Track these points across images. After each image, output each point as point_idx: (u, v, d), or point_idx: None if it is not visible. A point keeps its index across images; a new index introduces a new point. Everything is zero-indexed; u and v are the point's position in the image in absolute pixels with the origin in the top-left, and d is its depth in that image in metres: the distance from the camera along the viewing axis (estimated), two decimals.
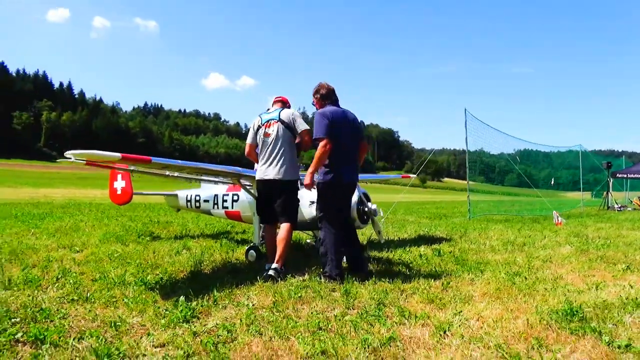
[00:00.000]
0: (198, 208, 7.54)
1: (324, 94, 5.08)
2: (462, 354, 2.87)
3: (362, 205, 5.72)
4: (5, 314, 3.31)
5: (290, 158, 5.06)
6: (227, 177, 5.98)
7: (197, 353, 2.76)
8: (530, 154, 36.45)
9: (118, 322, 3.25)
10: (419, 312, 3.71)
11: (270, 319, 3.43)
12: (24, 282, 4.27)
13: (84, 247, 6.40)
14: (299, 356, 2.77)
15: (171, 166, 4.84)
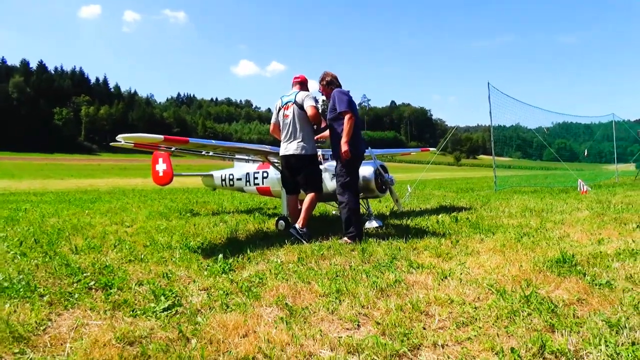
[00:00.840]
0: (232, 186, 8.24)
1: (329, 81, 5.73)
2: (457, 291, 3.38)
3: (380, 176, 6.23)
4: (78, 270, 4.02)
5: (307, 135, 5.69)
6: (256, 155, 6.61)
7: (234, 293, 3.38)
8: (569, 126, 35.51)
9: (169, 273, 3.92)
10: (426, 263, 4.23)
11: (295, 270, 4.03)
12: (87, 249, 5.02)
13: (133, 223, 7.18)
14: (318, 294, 3.34)
15: (206, 146, 5.50)
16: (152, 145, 5.22)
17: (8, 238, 5.67)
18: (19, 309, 3.00)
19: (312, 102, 5.64)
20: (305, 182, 5.73)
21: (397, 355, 2.34)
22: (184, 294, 3.35)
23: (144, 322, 2.77)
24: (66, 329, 2.71)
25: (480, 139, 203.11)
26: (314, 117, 5.64)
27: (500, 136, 19.25)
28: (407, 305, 3.05)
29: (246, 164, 7.89)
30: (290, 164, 5.76)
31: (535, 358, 2.28)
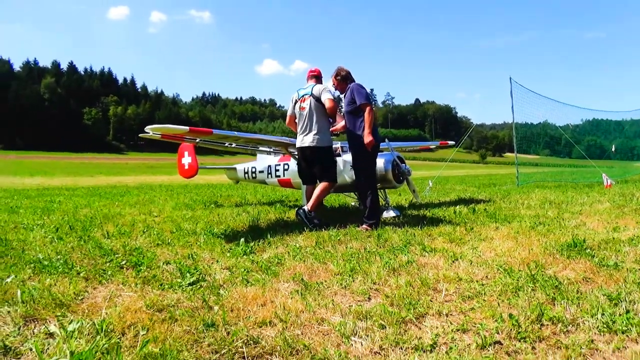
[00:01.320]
0: (254, 178, 8.51)
1: (344, 76, 5.91)
2: (466, 271, 3.54)
3: (397, 167, 6.39)
4: (110, 251, 4.32)
5: (322, 127, 5.87)
6: (277, 147, 6.85)
7: (254, 271, 3.62)
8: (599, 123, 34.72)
9: (194, 255, 4.19)
10: (439, 247, 4.39)
11: (312, 252, 4.24)
12: (118, 234, 5.34)
13: (160, 213, 7.51)
14: (333, 273, 3.55)
15: (229, 137, 5.76)
16: (178, 137, 5.50)
17: (45, 225, 6.04)
18: (59, 282, 3.28)
19: (330, 95, 5.81)
20: (321, 173, 5.92)
21: (403, 322, 2.52)
22: (208, 272, 3.59)
23: (171, 294, 3.02)
24: (101, 299, 2.97)
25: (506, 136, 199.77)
26: (332, 110, 5.81)
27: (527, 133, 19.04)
28: (417, 282, 3.23)
29: (268, 157, 8.15)
30: (305, 155, 5.97)
31: (533, 324, 2.43)
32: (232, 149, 6.49)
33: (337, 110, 5.93)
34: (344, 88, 5.86)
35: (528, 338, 2.28)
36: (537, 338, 2.30)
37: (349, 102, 5.71)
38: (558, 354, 2.12)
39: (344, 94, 5.86)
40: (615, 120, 32.80)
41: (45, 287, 3.11)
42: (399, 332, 2.38)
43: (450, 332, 2.38)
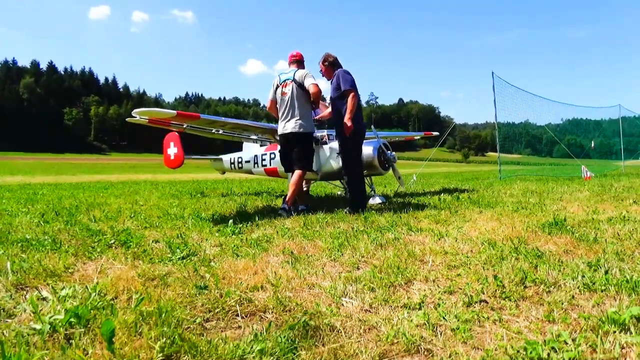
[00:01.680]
0: (241, 169, 8.53)
1: (332, 62, 5.96)
2: (452, 246, 3.63)
3: (383, 153, 6.47)
4: (98, 232, 4.32)
5: (304, 113, 5.85)
6: (264, 134, 6.87)
7: (243, 246, 3.65)
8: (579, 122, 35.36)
9: (183, 235, 4.21)
10: (425, 227, 4.47)
11: (301, 232, 4.30)
12: (105, 219, 5.32)
13: (146, 202, 7.49)
14: (321, 248, 3.60)
15: (217, 122, 5.78)
16: (165, 122, 5.50)
17: (30, 212, 5.99)
18: (48, 257, 3.28)
19: (314, 80, 5.80)
20: (297, 158, 5.87)
21: (392, 286, 2.59)
22: (198, 249, 3.62)
23: (162, 267, 3.04)
24: (92, 271, 2.98)
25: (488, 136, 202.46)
26: (316, 95, 5.79)
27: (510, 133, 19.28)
28: (404, 254, 3.30)
29: (254, 147, 8.18)
30: (288, 141, 5.94)
31: (516, 286, 2.52)
32: (219, 136, 6.50)
33: (321, 95, 5.94)
34: (331, 74, 5.91)
35: (512, 297, 2.36)
36: (521, 297, 2.38)
37: (335, 88, 5.77)
38: (541, 309, 2.20)
39: (330, 80, 5.91)
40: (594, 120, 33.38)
41: (35, 261, 3.11)
42: (387, 293, 2.45)
43: (438, 294, 2.45)
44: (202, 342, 1.75)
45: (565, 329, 1.92)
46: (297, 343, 1.79)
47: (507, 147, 19.50)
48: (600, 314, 2.05)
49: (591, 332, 1.88)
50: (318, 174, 7.04)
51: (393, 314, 2.16)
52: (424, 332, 1.93)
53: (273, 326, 1.96)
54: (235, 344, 1.74)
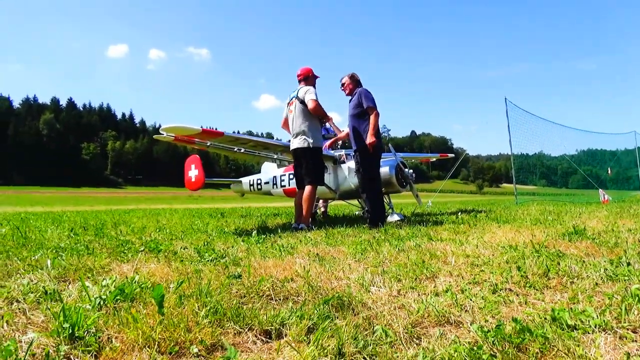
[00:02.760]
0: (260, 190, 8.70)
1: (357, 79, 6.19)
2: (473, 251, 3.70)
3: (400, 171, 6.59)
4: (127, 242, 4.46)
5: (309, 129, 5.97)
6: (283, 153, 7.04)
7: (270, 251, 3.76)
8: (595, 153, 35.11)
9: (208, 241, 4.33)
10: (445, 237, 4.55)
11: (324, 240, 4.40)
12: (132, 232, 5.47)
13: (168, 222, 7.64)
14: (345, 253, 3.69)
15: (239, 139, 5.97)
16: (190, 139, 5.70)
17: (59, 228, 6.17)
18: (83, 259, 3.42)
19: (312, 96, 5.91)
20: (306, 172, 5.98)
21: (418, 279, 2.67)
22: (225, 253, 3.73)
23: (194, 266, 3.16)
24: (127, 270, 3.10)
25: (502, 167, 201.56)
26: (314, 110, 5.89)
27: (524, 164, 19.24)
28: (427, 256, 3.38)
29: (272, 169, 8.36)
30: (296, 157, 6.09)
31: (540, 278, 2.59)
32: (241, 155, 6.68)
33: (322, 109, 5.98)
34: (353, 90, 6.09)
35: (536, 285, 2.43)
36: (545, 286, 2.44)
37: (355, 105, 5.94)
38: (565, 295, 2.27)
39: (350, 97, 6.09)
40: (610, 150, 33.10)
41: (73, 260, 3.25)
42: (414, 283, 2.53)
43: (462, 284, 2.52)
44: (244, 309, 1.85)
45: (590, 307, 1.99)
46: (332, 313, 1.89)
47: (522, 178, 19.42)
48: (624, 293, 2.12)
49: (616, 306, 1.95)
50: (337, 193, 7.17)
51: (421, 297, 2.24)
52: (452, 309, 2.01)
53: (308, 303, 2.06)
54: (276, 312, 1.84)
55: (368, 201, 5.86)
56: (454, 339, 1.61)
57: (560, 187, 56.98)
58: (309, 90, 5.99)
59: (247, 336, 1.68)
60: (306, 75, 6.23)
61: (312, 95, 5.92)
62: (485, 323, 1.79)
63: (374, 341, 1.58)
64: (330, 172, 7.20)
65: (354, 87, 6.11)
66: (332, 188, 7.08)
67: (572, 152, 23.86)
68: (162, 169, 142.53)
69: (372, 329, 1.71)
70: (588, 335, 1.66)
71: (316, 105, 5.87)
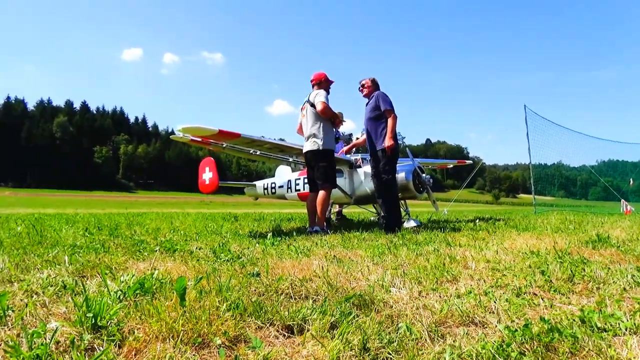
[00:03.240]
0: (274, 194, 8.74)
1: (377, 84, 6.18)
2: (493, 256, 3.67)
3: (418, 176, 6.58)
4: (142, 242, 4.50)
5: (321, 131, 5.99)
6: (299, 156, 7.04)
7: (286, 253, 3.77)
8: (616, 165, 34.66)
9: (223, 242, 4.36)
10: (463, 243, 4.52)
11: (340, 244, 4.40)
12: (146, 233, 5.52)
13: (182, 224, 7.70)
14: (363, 256, 3.69)
15: (255, 141, 6.01)
16: (205, 140, 5.75)
17: (74, 227, 6.25)
18: (100, 256, 3.46)
19: (321, 98, 5.96)
20: (319, 175, 6.00)
21: (438, 282, 2.66)
22: (241, 254, 3.75)
23: (210, 266, 3.18)
24: (144, 268, 3.13)
25: (519, 177, 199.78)
26: (323, 112, 5.92)
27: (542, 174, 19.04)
28: (446, 260, 3.37)
29: (287, 172, 8.39)
30: (308, 160, 6.14)
31: (565, 282, 2.56)
32: (256, 157, 6.72)
33: (331, 111, 5.97)
34: (371, 93, 6.11)
35: (561, 290, 2.41)
36: (570, 291, 2.42)
37: (372, 108, 5.97)
38: (592, 299, 2.24)
39: (368, 101, 6.11)
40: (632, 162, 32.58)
41: (90, 257, 3.29)
42: (435, 285, 2.52)
43: (485, 288, 2.50)
44: (266, 304, 1.86)
45: (619, 311, 1.96)
46: (355, 311, 1.89)
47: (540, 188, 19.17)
48: None
49: None
50: (352, 198, 7.17)
51: (443, 299, 2.23)
52: (477, 310, 2.00)
53: (329, 301, 2.06)
54: (298, 307, 1.85)
55: (384, 206, 5.86)
56: (481, 337, 1.60)
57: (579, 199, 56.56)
58: (319, 93, 6.05)
59: (268, 331, 1.69)
60: (319, 80, 6.27)
61: (321, 98, 5.96)
62: (511, 323, 1.77)
63: (398, 337, 1.57)
64: (346, 176, 7.21)
65: (373, 90, 6.14)
66: (348, 193, 7.08)
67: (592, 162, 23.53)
68: (174, 174, 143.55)
69: (396, 326, 1.71)
70: (619, 337, 1.64)
71: (324, 107, 5.91)
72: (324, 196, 5.91)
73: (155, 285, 2.20)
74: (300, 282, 2.50)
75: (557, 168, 22.61)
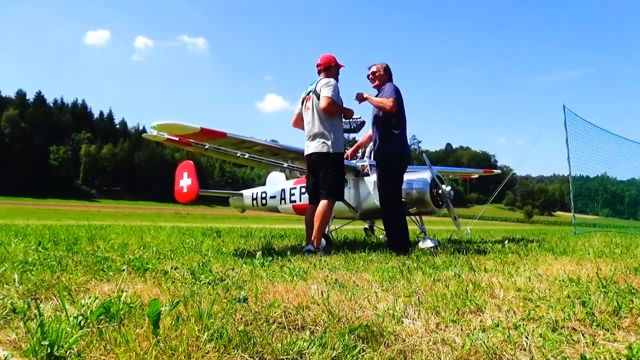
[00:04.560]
0: (264, 205, 8.76)
1: (391, 73, 6.17)
2: (525, 283, 3.68)
3: (436, 187, 6.59)
4: (107, 259, 4.52)
5: (331, 130, 5.87)
6: (295, 160, 7.07)
7: (279, 276, 3.78)
8: None
9: (204, 262, 4.38)
10: (490, 268, 4.53)
11: (343, 266, 4.42)
12: (111, 249, 5.54)
13: (154, 239, 7.71)
14: (370, 281, 3.70)
15: (245, 142, 5.98)
16: (185, 140, 5.76)
17: (25, 241, 6.26)
18: (57, 275, 3.47)
19: (328, 92, 5.75)
20: (322, 183, 5.85)
21: (460, 312, 2.66)
22: (225, 276, 3.76)
23: (188, 289, 3.18)
24: (109, 290, 3.14)
25: (556, 191, 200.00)
26: (325, 110, 5.74)
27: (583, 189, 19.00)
28: (469, 286, 3.38)
29: (280, 180, 8.42)
30: (311, 163, 6.01)
31: (610, 316, 2.57)
32: (244, 161, 6.74)
33: (337, 109, 5.87)
34: (383, 84, 6.09)
35: (605, 325, 2.41)
36: (616, 326, 2.43)
37: None
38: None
39: (377, 93, 6.09)
40: None
41: (44, 276, 3.30)
42: (456, 316, 2.53)
43: (515, 320, 2.51)
44: (255, 334, 1.87)
45: None
46: (360, 344, 1.90)
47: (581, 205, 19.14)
48: None
49: None
50: (357, 212, 7.19)
51: (465, 332, 2.24)
52: (505, 346, 2.01)
53: (330, 332, 2.07)
54: (293, 339, 1.86)
55: (385, 221, 5.87)
56: None
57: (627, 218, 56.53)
58: (328, 83, 5.86)
59: None
60: (327, 64, 6.13)
61: (328, 91, 5.75)
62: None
63: None
64: (350, 186, 7.24)
65: (386, 80, 6.11)
66: (353, 206, 7.10)
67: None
68: (145, 180, 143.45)
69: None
70: None
71: (329, 104, 5.71)
72: (325, 208, 5.79)
73: (123, 310, 2.21)
74: (296, 310, 2.50)
75: (602, 181, 22.60)
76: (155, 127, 5.22)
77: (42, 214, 48.33)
